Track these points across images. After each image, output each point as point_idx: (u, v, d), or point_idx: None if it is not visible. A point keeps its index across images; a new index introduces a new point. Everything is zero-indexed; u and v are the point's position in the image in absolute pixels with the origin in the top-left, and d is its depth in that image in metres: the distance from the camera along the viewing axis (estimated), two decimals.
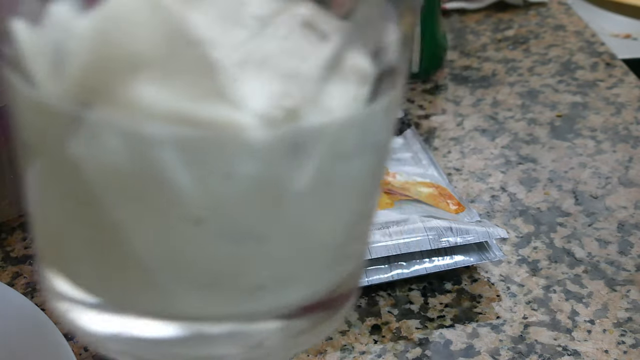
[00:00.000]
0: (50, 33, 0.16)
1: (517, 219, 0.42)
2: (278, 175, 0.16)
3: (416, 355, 0.34)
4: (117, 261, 0.17)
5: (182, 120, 0.15)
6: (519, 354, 0.34)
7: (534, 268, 0.38)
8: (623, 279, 0.38)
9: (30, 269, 0.39)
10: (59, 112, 0.15)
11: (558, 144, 0.48)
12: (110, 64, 0.15)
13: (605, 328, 0.35)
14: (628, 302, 0.36)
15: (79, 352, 0.35)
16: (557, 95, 0.53)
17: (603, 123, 0.50)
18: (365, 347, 0.34)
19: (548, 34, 0.62)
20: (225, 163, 0.15)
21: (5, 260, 0.40)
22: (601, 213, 0.42)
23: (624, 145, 0.48)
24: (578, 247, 0.40)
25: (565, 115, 0.51)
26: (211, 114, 0.15)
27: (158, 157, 0.15)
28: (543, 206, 0.43)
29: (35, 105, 0.16)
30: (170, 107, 0.15)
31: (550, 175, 0.45)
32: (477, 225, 0.38)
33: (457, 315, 0.36)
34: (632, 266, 0.39)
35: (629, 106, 0.52)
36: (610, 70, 0.56)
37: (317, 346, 0.34)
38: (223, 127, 0.15)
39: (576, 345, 0.34)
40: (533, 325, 0.35)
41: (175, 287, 0.17)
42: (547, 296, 0.37)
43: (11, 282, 0.39)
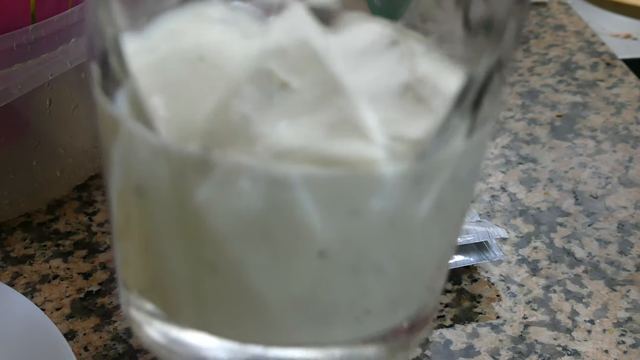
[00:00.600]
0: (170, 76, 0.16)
1: (517, 219, 0.42)
2: (401, 207, 0.16)
3: (416, 355, 0.34)
4: (229, 294, 0.17)
5: (314, 159, 0.15)
6: (519, 354, 0.34)
7: (534, 268, 0.38)
8: (623, 279, 0.38)
9: (30, 269, 0.39)
10: (183, 159, 0.15)
11: (558, 144, 0.48)
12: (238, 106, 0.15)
13: (605, 328, 0.35)
14: (628, 302, 0.36)
15: (79, 352, 0.35)
16: (557, 95, 0.53)
17: (603, 123, 0.50)
18: None
19: (548, 34, 0.62)
20: (354, 199, 0.16)
21: (5, 260, 0.40)
22: (601, 213, 0.42)
23: (624, 145, 0.48)
24: (578, 247, 0.40)
25: (565, 115, 0.51)
26: (343, 151, 0.15)
27: (289, 197, 0.15)
28: (543, 206, 0.43)
29: (155, 150, 0.15)
30: (303, 147, 0.15)
31: (550, 175, 0.45)
32: (477, 225, 0.38)
33: (457, 315, 0.36)
34: (632, 266, 0.39)
35: (629, 106, 0.52)
36: (610, 70, 0.56)
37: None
38: (355, 164, 0.15)
39: (576, 345, 0.34)
40: (533, 325, 0.35)
41: (288, 317, 0.17)
42: (547, 296, 0.37)
43: (11, 282, 0.39)
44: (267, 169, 0.15)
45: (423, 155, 0.16)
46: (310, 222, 0.16)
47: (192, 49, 0.17)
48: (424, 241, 0.18)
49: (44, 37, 0.37)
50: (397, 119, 0.16)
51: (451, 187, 0.17)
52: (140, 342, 0.22)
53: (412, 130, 0.16)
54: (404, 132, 0.16)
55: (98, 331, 0.36)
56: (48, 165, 0.42)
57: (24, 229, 0.42)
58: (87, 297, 0.38)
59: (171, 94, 0.16)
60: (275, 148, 0.15)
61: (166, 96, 0.16)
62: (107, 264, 0.40)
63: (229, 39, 0.17)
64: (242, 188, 0.15)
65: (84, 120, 0.44)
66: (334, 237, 0.16)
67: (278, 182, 0.15)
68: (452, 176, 0.17)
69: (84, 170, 0.45)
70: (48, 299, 0.38)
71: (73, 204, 0.44)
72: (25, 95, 0.36)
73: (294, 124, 0.15)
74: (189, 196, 0.16)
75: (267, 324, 0.17)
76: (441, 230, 0.18)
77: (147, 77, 0.16)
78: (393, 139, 0.16)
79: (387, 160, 0.16)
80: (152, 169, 0.16)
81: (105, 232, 0.42)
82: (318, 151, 0.15)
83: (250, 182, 0.15)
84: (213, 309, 0.17)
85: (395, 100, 0.16)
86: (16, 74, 0.36)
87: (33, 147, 0.41)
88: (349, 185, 0.16)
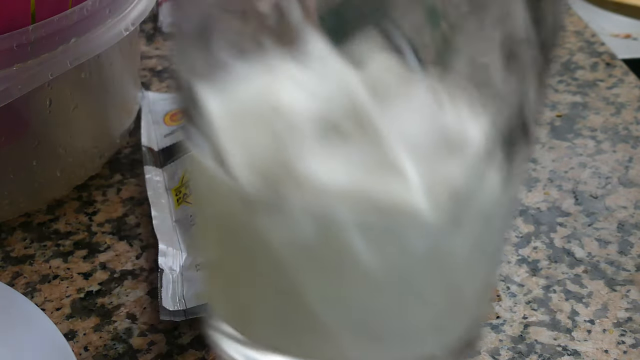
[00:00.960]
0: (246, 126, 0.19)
1: (517, 219, 0.42)
2: (442, 247, 0.19)
3: None
4: (296, 318, 0.20)
5: (365, 204, 0.17)
6: (519, 354, 0.34)
7: (534, 268, 0.38)
8: (623, 279, 0.38)
9: (30, 269, 0.39)
10: (257, 201, 0.18)
11: (558, 144, 0.48)
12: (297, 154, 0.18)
13: (605, 328, 0.35)
14: (628, 302, 0.36)
15: (79, 352, 0.35)
16: (557, 95, 0.53)
17: (603, 123, 0.50)
18: None
19: None
20: (400, 240, 0.18)
21: (5, 260, 0.40)
22: (601, 213, 0.42)
23: (624, 145, 0.48)
24: (578, 247, 0.40)
25: (565, 115, 0.51)
26: (391, 198, 0.17)
27: (345, 236, 0.18)
28: (543, 206, 0.43)
29: (231, 191, 0.18)
30: (356, 193, 0.17)
31: (550, 175, 0.45)
32: None
33: None
34: (632, 266, 0.39)
35: (629, 106, 0.52)
36: (610, 70, 0.56)
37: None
38: (401, 211, 0.17)
39: (576, 345, 0.34)
40: (533, 325, 0.35)
41: (346, 337, 0.19)
42: (547, 296, 0.37)
43: (11, 282, 0.39)
44: (323, 212, 0.18)
45: (461, 201, 0.18)
46: (363, 257, 0.18)
47: (263, 100, 0.19)
48: (464, 275, 0.20)
49: (44, 37, 0.37)
50: (436, 168, 0.18)
51: (487, 227, 0.20)
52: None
53: (451, 179, 0.18)
54: (444, 180, 0.18)
55: (98, 331, 0.36)
56: (48, 165, 0.42)
57: (24, 229, 0.42)
58: (87, 297, 0.38)
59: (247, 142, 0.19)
60: (333, 192, 0.17)
61: (242, 144, 0.19)
62: (107, 264, 0.40)
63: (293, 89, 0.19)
64: (303, 228, 0.18)
65: (84, 120, 0.44)
66: (386, 271, 0.18)
67: (331, 225, 0.18)
68: (488, 217, 0.19)
69: (84, 170, 0.45)
70: (48, 299, 0.38)
71: (73, 204, 0.44)
72: (25, 95, 0.36)
73: (348, 170, 0.18)
74: (260, 233, 0.18)
75: (328, 343, 0.20)
76: (479, 264, 0.20)
77: (226, 128, 0.19)
78: (433, 187, 0.18)
79: (430, 207, 0.18)
80: (229, 208, 0.19)
81: (105, 232, 0.42)
82: (369, 197, 0.17)
83: (309, 223, 0.18)
84: (283, 331, 0.20)
85: (436, 150, 0.18)
86: (16, 74, 0.36)
87: (33, 147, 0.41)
88: (396, 229, 0.18)
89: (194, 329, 0.36)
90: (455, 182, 0.18)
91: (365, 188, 0.18)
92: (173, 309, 0.35)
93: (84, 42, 0.39)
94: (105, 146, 0.46)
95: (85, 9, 0.38)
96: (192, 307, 0.35)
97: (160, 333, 0.36)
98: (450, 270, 0.20)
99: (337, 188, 0.18)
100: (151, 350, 0.35)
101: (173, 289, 0.36)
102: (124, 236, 0.42)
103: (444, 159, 0.18)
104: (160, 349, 0.35)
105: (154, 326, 0.36)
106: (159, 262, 0.38)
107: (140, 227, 0.42)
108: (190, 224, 0.40)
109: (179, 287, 0.36)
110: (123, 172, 0.47)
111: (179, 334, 0.35)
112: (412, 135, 0.18)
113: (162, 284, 0.36)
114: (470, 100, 0.19)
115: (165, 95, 0.53)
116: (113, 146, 0.47)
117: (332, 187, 0.18)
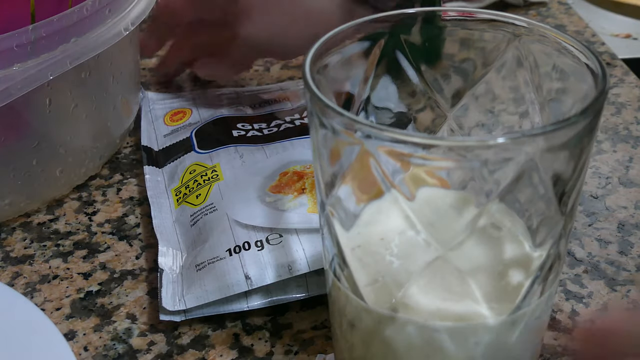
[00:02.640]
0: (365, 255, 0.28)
1: None
2: (503, 338, 0.27)
3: None
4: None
5: (450, 316, 0.26)
6: None
7: None
8: (623, 279, 0.38)
9: (30, 269, 0.39)
10: (380, 315, 0.27)
11: None
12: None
13: None
14: (628, 302, 0.36)
15: (79, 352, 0.35)
16: None
17: (603, 123, 0.50)
18: None
19: None
20: (475, 337, 0.27)
21: (5, 260, 0.40)
22: (601, 213, 0.42)
23: (624, 145, 0.48)
24: (578, 247, 0.40)
25: None
26: (467, 312, 0.26)
27: (437, 338, 0.27)
28: None
29: (363, 310, 0.27)
30: (442, 310, 0.26)
31: None
32: None
33: None
34: (632, 266, 0.39)
35: (629, 106, 0.52)
36: (610, 70, 0.56)
37: (318, 346, 0.34)
38: (473, 319, 0.26)
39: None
40: None
41: None
42: None
43: (11, 282, 0.39)
44: (424, 323, 0.26)
45: (514, 310, 0.27)
46: (450, 350, 0.27)
47: (376, 234, 0.29)
48: (518, 352, 0.28)
49: (44, 37, 0.37)
50: (497, 288, 0.27)
51: (533, 322, 0.28)
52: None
53: (507, 295, 0.27)
54: (502, 297, 0.27)
55: (98, 331, 0.36)
56: (48, 165, 0.42)
57: (24, 229, 0.42)
58: (87, 297, 0.38)
59: (367, 268, 0.28)
60: (426, 309, 0.27)
61: (365, 270, 0.28)
62: (107, 264, 0.40)
63: (395, 223, 0.28)
64: (411, 332, 0.27)
65: (83, 120, 0.44)
66: (464, 357, 0.27)
67: (429, 330, 0.26)
68: (533, 316, 0.27)
69: (84, 170, 0.45)
70: (48, 299, 0.38)
71: (73, 204, 0.44)
72: (25, 95, 0.36)
73: (434, 293, 0.27)
74: (382, 333, 0.27)
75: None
76: (528, 344, 0.29)
77: (352, 258, 0.28)
78: (494, 302, 0.27)
79: (492, 315, 0.26)
80: (360, 317, 0.28)
81: (105, 232, 0.42)
82: (451, 311, 0.26)
83: (414, 329, 0.27)
84: None
85: (496, 275, 0.27)
86: (16, 74, 0.36)
87: (33, 147, 0.41)
88: (471, 331, 0.27)
89: (194, 329, 0.36)
90: (510, 298, 0.27)
91: (449, 306, 0.26)
92: (173, 309, 0.35)
93: (84, 42, 0.39)
94: (105, 146, 0.46)
95: (85, 9, 0.38)
96: (192, 307, 0.35)
97: (160, 333, 0.35)
98: (506, 351, 0.28)
99: (433, 308, 0.26)
100: (151, 350, 0.35)
101: (173, 289, 0.36)
102: (124, 236, 0.42)
103: (501, 283, 0.27)
104: (160, 349, 0.35)
105: (154, 326, 0.36)
106: (159, 262, 0.38)
107: (140, 227, 0.42)
108: (190, 224, 0.40)
109: (179, 287, 0.36)
110: (123, 172, 0.47)
111: (179, 334, 0.35)
112: (480, 265, 0.27)
113: (162, 284, 0.36)
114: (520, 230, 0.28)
115: (165, 95, 0.53)
116: (113, 146, 0.47)
117: (429, 307, 0.26)
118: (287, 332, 0.35)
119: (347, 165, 0.26)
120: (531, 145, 0.23)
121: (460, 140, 0.25)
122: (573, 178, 0.25)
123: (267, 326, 0.36)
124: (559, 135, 0.23)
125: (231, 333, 0.35)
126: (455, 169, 0.27)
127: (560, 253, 0.27)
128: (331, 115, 0.24)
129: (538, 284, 0.27)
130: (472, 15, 0.30)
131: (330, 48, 0.28)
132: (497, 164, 0.24)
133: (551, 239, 0.27)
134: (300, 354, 0.34)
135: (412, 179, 0.26)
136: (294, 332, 0.35)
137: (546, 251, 0.27)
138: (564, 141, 0.24)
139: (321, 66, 0.28)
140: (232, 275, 0.35)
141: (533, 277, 0.27)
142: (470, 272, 0.27)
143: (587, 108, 0.24)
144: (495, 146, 0.23)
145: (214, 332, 0.35)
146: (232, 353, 0.34)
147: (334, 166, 0.27)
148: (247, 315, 0.36)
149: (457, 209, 0.29)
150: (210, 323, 0.36)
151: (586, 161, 0.26)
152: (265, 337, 0.35)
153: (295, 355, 0.34)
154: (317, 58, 0.27)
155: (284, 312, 0.36)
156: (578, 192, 0.26)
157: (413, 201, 0.26)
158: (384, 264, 0.28)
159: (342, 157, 0.26)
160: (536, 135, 0.23)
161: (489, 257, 0.28)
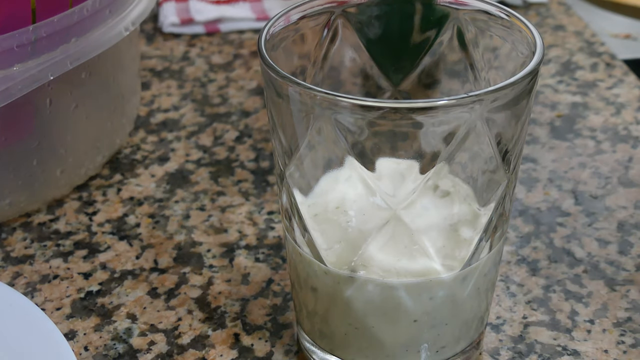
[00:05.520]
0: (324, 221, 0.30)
1: (516, 219, 0.42)
2: (455, 292, 0.29)
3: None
4: (364, 341, 0.31)
5: (405, 272, 0.29)
6: (518, 354, 0.34)
7: (534, 268, 0.38)
8: (623, 279, 0.38)
9: (30, 269, 0.40)
10: (340, 276, 0.29)
11: (558, 144, 0.48)
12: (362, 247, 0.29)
13: (605, 328, 0.35)
14: (628, 302, 0.36)
15: (79, 352, 0.35)
16: (557, 95, 0.53)
17: (603, 123, 0.50)
18: None
19: (548, 34, 0.62)
20: (429, 292, 0.29)
21: (5, 260, 0.40)
22: (601, 213, 0.42)
23: (624, 145, 0.48)
24: (578, 247, 0.40)
25: (565, 115, 0.51)
26: (421, 268, 0.29)
27: (395, 294, 0.29)
28: (543, 206, 0.43)
29: (324, 273, 0.30)
30: (398, 268, 0.29)
31: (550, 175, 0.45)
32: None
33: None
34: (632, 266, 0.39)
35: (629, 106, 0.52)
36: (610, 70, 0.56)
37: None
38: (427, 274, 0.29)
39: (576, 345, 0.34)
40: (533, 325, 0.35)
41: (398, 352, 0.31)
42: (547, 296, 0.37)
43: (11, 282, 0.39)
44: (382, 281, 0.29)
45: (464, 266, 0.29)
46: (407, 306, 0.29)
47: (332, 202, 0.31)
48: (469, 307, 0.31)
49: (44, 37, 0.37)
50: (448, 245, 0.29)
51: (482, 278, 0.30)
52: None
53: (457, 252, 0.29)
54: (453, 254, 0.29)
55: (98, 331, 0.36)
56: (48, 165, 0.42)
57: (24, 229, 0.42)
58: (87, 297, 0.38)
59: (326, 234, 0.30)
60: (384, 268, 0.29)
61: (324, 236, 0.30)
62: (107, 264, 0.40)
63: (350, 192, 0.30)
64: (370, 290, 0.29)
65: (84, 120, 0.44)
66: (420, 312, 0.29)
67: (387, 287, 0.29)
68: (482, 272, 0.30)
69: (84, 170, 0.45)
70: (48, 299, 0.38)
71: (73, 204, 0.44)
72: (25, 95, 0.37)
73: (391, 252, 0.29)
74: (342, 293, 0.29)
75: (386, 356, 0.31)
76: (479, 300, 0.31)
77: (313, 225, 0.30)
78: (446, 258, 0.29)
79: (444, 271, 0.29)
80: (321, 279, 0.30)
81: (105, 232, 0.42)
82: (407, 269, 0.29)
83: (373, 287, 0.29)
84: (354, 348, 0.31)
85: (446, 234, 0.29)
86: (16, 74, 0.36)
87: (33, 147, 0.41)
88: (426, 286, 0.29)
89: (194, 329, 0.36)
90: (461, 255, 0.29)
91: (405, 264, 0.29)
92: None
93: (84, 42, 0.39)
94: (105, 146, 0.46)
95: (86, 9, 0.39)
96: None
97: (161, 333, 0.36)
98: (460, 305, 0.30)
99: (390, 266, 0.29)
100: (151, 350, 0.35)
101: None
102: (124, 236, 0.42)
103: (453, 241, 0.29)
104: (160, 349, 0.35)
105: (154, 326, 0.36)
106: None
107: (140, 227, 0.42)
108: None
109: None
110: (123, 172, 0.47)
111: (179, 334, 0.35)
112: (434, 227, 0.29)
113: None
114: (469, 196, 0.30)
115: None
116: (113, 146, 0.47)
117: (386, 266, 0.29)
118: (287, 332, 0.35)
119: (303, 135, 0.27)
120: (476, 105, 0.25)
121: (408, 103, 0.26)
122: (514, 137, 0.28)
123: (267, 326, 0.36)
124: (501, 95, 0.25)
125: (231, 333, 0.35)
126: (405, 133, 0.28)
127: (505, 212, 0.30)
128: (286, 85, 0.26)
129: (485, 240, 0.29)
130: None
131: (286, 25, 0.30)
132: (444, 124, 0.26)
133: (495, 199, 0.29)
134: (300, 354, 0.34)
135: (366, 146, 0.27)
136: (294, 332, 0.35)
137: (491, 210, 0.29)
138: (506, 102, 0.26)
139: (276, 41, 0.30)
140: None
141: (480, 235, 0.29)
142: (423, 230, 0.29)
143: (525, 71, 0.26)
144: (442, 107, 0.25)
145: (214, 332, 0.35)
146: (232, 353, 0.34)
147: (290, 137, 0.28)
148: (247, 315, 0.36)
149: (408, 173, 0.30)
150: (210, 323, 0.36)
151: (526, 120, 0.28)
152: (265, 337, 0.35)
153: (295, 355, 0.34)
154: (271, 33, 0.29)
155: (284, 312, 0.36)
156: (520, 151, 0.29)
157: (367, 168, 0.28)
158: (342, 228, 0.30)
159: (297, 128, 0.27)
160: (480, 95, 0.25)
161: (439, 216, 0.30)
